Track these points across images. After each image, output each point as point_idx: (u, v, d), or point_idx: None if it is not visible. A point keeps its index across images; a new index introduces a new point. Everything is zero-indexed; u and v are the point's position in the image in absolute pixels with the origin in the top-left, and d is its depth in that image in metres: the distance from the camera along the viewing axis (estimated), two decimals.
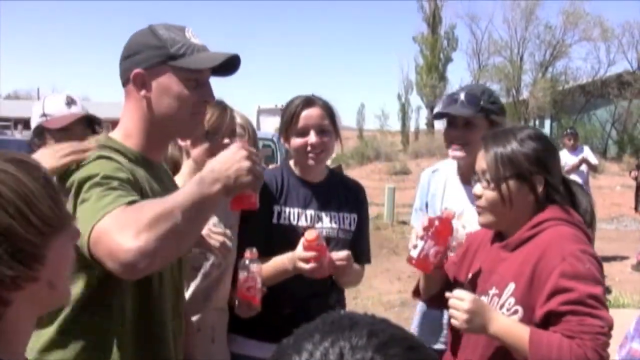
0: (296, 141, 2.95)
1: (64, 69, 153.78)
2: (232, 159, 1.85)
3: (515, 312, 2.23)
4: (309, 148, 2.93)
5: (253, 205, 2.06)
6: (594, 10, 41.12)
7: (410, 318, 7.39)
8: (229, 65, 2.12)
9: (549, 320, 2.13)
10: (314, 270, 2.71)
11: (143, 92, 2.05)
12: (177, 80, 2.04)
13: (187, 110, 2.06)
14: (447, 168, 3.41)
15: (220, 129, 2.79)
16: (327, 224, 2.93)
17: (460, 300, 2.20)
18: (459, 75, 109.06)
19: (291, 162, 3.12)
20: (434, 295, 2.66)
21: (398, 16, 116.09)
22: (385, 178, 25.98)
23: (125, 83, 2.10)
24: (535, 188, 2.31)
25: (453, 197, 3.26)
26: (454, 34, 45.39)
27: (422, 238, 2.43)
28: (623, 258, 10.66)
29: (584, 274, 2.12)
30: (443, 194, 3.30)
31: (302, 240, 2.73)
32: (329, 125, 2.99)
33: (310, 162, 2.97)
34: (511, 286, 2.26)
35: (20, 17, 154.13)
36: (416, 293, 2.79)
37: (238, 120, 3.13)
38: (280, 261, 2.84)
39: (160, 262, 1.74)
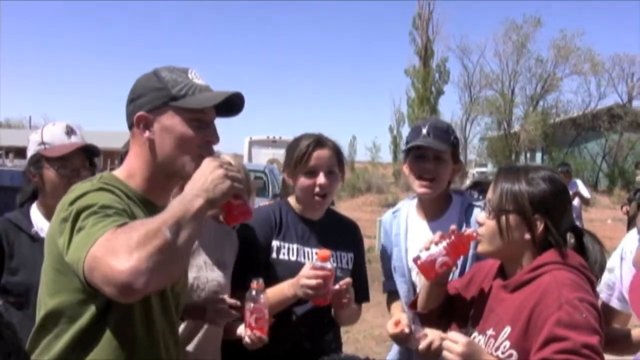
0: (304, 181, 2.96)
1: (55, 98, 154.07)
2: (205, 172, 1.88)
3: (510, 355, 2.20)
4: (317, 189, 2.95)
5: (246, 213, 2.07)
6: (584, 44, 41.48)
7: (402, 352, 7.37)
8: (234, 105, 2.12)
9: None
10: (319, 287, 2.68)
11: (147, 134, 2.05)
12: (180, 121, 2.03)
13: (191, 151, 2.04)
14: (407, 206, 3.38)
15: None
16: (319, 264, 2.90)
17: (454, 343, 2.18)
18: (450, 108, 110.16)
19: (290, 199, 3.12)
20: (431, 311, 2.65)
21: (390, 49, 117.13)
22: (376, 210, 25.98)
23: (130, 126, 2.11)
24: (533, 228, 2.29)
25: (416, 233, 3.21)
26: (446, 67, 45.83)
27: (436, 244, 2.43)
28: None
29: (580, 323, 2.07)
30: (406, 232, 3.26)
31: (307, 265, 2.74)
32: (337, 167, 3.02)
33: (316, 204, 3.00)
34: (507, 329, 2.24)
35: (12, 46, 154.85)
36: (413, 306, 2.77)
37: (229, 160, 3.14)
38: (279, 288, 2.82)
39: (157, 280, 1.70)
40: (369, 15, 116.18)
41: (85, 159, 3.06)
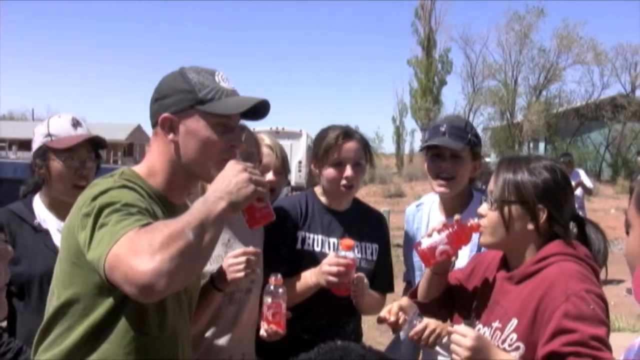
0: (331, 172, 3.00)
1: (58, 90, 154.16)
2: (229, 175, 1.89)
3: (517, 348, 2.20)
4: (343, 181, 2.99)
5: (269, 216, 2.07)
6: (587, 34, 41.31)
7: None
8: (258, 111, 2.13)
9: None
10: (340, 275, 2.72)
11: (171, 136, 2.06)
12: (205, 125, 2.04)
13: (215, 155, 2.05)
14: (430, 200, 3.41)
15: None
16: (343, 253, 2.88)
17: (462, 337, 2.17)
18: (453, 99, 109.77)
19: (316, 189, 3.16)
20: (432, 301, 2.66)
21: (392, 39, 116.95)
22: (379, 201, 25.96)
23: (154, 125, 2.11)
24: (536, 218, 2.29)
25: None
26: (449, 58, 45.72)
27: (439, 232, 2.44)
28: (619, 281, 10.63)
29: (588, 315, 2.07)
30: (427, 227, 3.27)
31: (331, 254, 2.81)
32: (364, 159, 3.05)
33: (342, 195, 3.04)
34: (514, 322, 2.24)
35: (15, 38, 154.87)
36: (413, 295, 2.78)
37: (267, 141, 3.18)
38: (302, 276, 2.88)
39: (177, 282, 1.72)
40: (372, 6, 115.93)
41: (92, 150, 3.07)
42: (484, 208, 2.41)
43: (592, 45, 40.34)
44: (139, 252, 1.66)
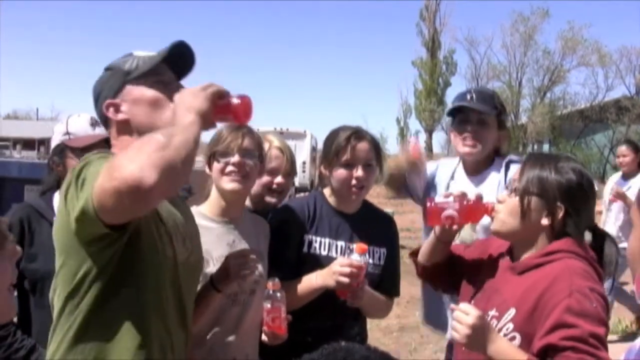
0: (341, 172, 2.98)
1: (63, 89, 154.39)
2: (181, 100, 1.96)
3: (513, 338, 2.21)
4: (353, 182, 2.97)
5: (237, 108, 2.05)
6: (591, 36, 41.23)
7: (409, 343, 7.39)
8: (186, 60, 2.19)
9: (546, 353, 2.10)
10: (353, 276, 2.70)
11: (120, 116, 2.12)
12: (142, 89, 2.12)
13: (164, 109, 2.08)
14: (449, 162, 3.47)
15: (231, 149, 2.77)
16: (356, 256, 2.85)
17: (465, 315, 2.18)
18: None
19: (325, 191, 3.14)
20: (433, 265, 2.71)
21: (397, 40, 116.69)
22: (383, 202, 25.72)
23: (105, 122, 2.19)
24: (553, 214, 2.30)
25: (460, 183, 3.31)
26: (453, 59, 45.61)
27: (454, 198, 2.48)
28: (622, 284, 10.60)
29: (590, 312, 2.08)
30: (449, 181, 3.36)
31: (340, 257, 2.81)
32: (374, 160, 3.03)
33: (352, 195, 3.01)
34: (512, 311, 2.25)
35: (19, 38, 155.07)
36: (414, 254, 2.83)
37: (276, 143, 3.19)
38: (306, 279, 2.87)
39: (163, 176, 1.70)
40: (376, 7, 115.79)
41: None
42: (503, 195, 2.43)
43: (597, 47, 40.24)
44: (118, 166, 1.69)
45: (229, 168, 2.75)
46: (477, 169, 3.29)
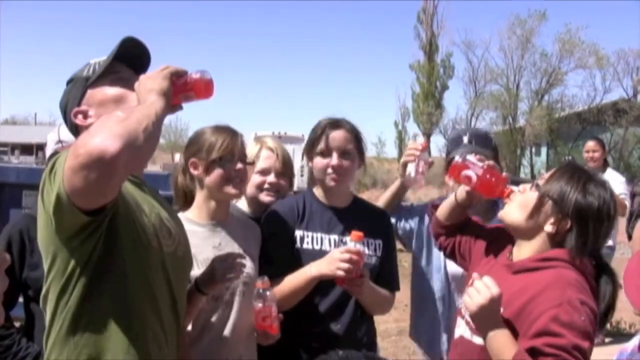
0: (318, 161, 3.00)
1: (61, 95, 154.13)
2: (141, 87, 1.99)
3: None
4: (329, 170, 2.97)
5: (196, 83, 2.06)
6: (588, 38, 41.28)
7: (407, 347, 7.38)
8: (140, 56, 2.25)
9: (530, 354, 2.10)
10: (352, 263, 2.69)
11: (90, 121, 2.14)
12: (104, 88, 2.17)
13: (131, 103, 2.08)
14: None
15: (233, 154, 2.79)
16: (353, 244, 2.83)
17: (487, 287, 2.19)
18: (455, 103, 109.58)
19: (315, 189, 3.14)
20: (450, 225, 2.76)
21: (394, 44, 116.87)
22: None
23: (76, 132, 2.21)
24: (560, 224, 2.31)
25: None
26: (450, 62, 45.52)
27: (485, 165, 2.51)
28: (621, 286, 10.55)
29: (577, 324, 2.09)
30: None
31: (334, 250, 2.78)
32: (353, 149, 3.02)
33: (330, 182, 3.00)
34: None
35: (18, 43, 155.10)
36: (435, 207, 2.87)
37: (268, 143, 3.21)
38: (301, 271, 2.84)
39: (127, 145, 1.70)
40: (374, 10, 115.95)
41: None
42: (526, 186, 2.44)
43: (594, 49, 40.25)
44: (82, 143, 1.70)
45: (234, 175, 2.77)
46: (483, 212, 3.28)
